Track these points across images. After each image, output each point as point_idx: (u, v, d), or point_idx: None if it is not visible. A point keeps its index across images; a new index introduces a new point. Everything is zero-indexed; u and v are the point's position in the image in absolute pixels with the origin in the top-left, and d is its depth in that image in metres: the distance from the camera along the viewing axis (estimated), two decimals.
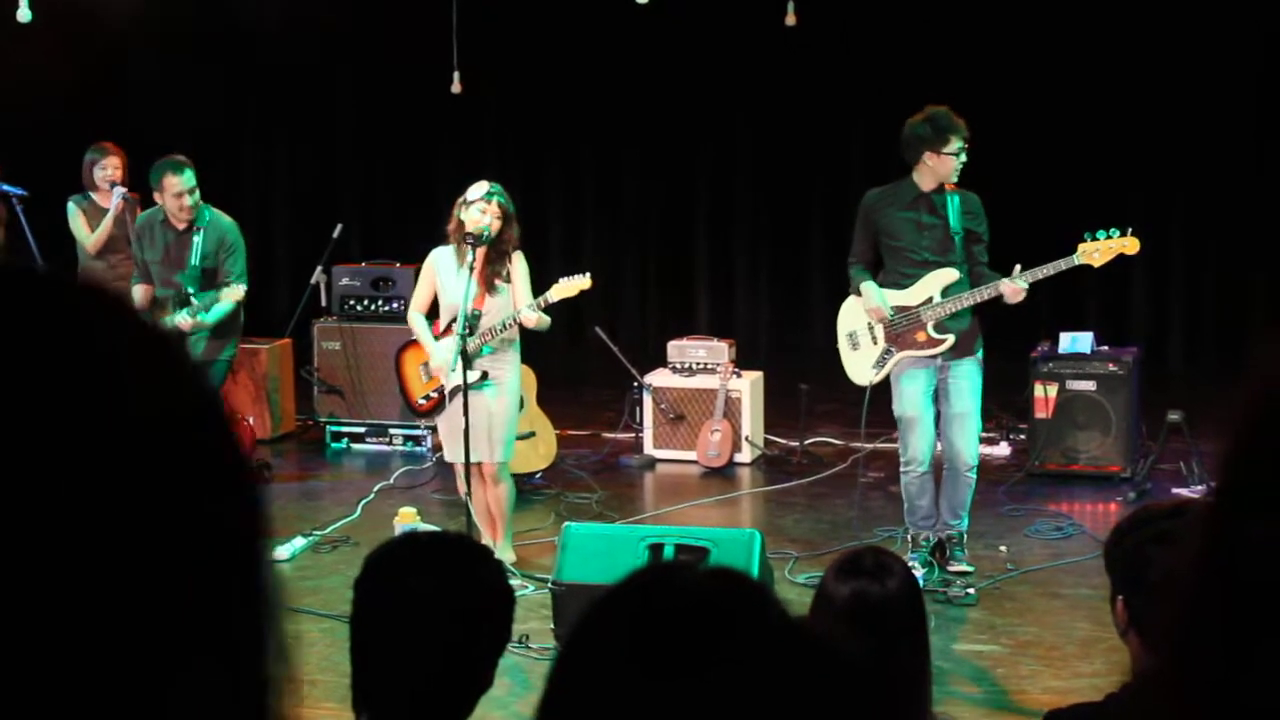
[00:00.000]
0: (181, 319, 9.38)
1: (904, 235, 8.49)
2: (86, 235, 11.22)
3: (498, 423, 8.56)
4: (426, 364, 8.86)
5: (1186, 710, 1.30)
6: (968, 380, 8.53)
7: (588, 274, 8.66)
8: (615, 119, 15.00)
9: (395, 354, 9.40)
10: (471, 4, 12.03)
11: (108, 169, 11.22)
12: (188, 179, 9.48)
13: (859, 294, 8.66)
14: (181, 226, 9.56)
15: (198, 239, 9.51)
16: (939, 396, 8.59)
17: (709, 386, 11.30)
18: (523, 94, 15.16)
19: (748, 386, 11.32)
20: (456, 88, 11.70)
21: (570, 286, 8.56)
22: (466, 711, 2.82)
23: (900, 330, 8.51)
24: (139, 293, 9.67)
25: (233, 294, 9.50)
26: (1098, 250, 8.25)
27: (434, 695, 2.79)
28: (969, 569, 8.66)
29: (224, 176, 9.93)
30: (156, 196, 9.58)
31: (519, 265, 8.59)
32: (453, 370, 8.50)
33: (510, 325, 8.49)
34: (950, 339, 8.42)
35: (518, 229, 8.59)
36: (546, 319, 8.52)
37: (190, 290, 9.43)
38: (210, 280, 9.56)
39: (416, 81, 14.38)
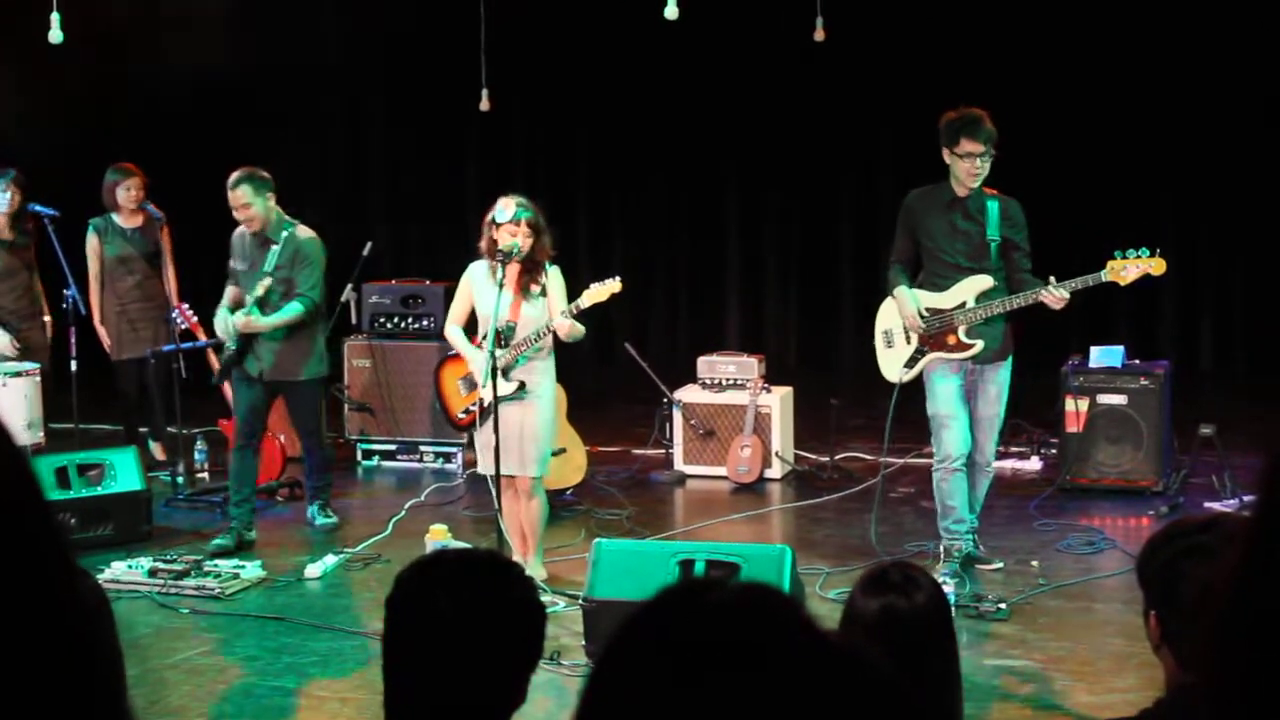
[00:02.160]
0: (237, 318, 9.61)
1: (938, 238, 8.61)
2: (95, 265, 11.34)
3: (529, 435, 8.55)
4: (466, 378, 8.87)
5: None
6: (996, 386, 8.70)
7: (617, 277, 8.66)
8: (643, 135, 15.03)
9: (435, 368, 9.40)
10: (500, 21, 12.06)
11: (130, 189, 11.30)
12: (239, 194, 9.61)
13: (895, 298, 8.74)
14: (259, 237, 9.72)
15: (275, 249, 9.67)
16: (967, 396, 8.69)
17: (739, 402, 11.29)
18: (551, 110, 15.19)
19: (777, 402, 11.31)
20: (485, 105, 11.73)
21: (601, 291, 8.55)
22: None
23: (933, 332, 8.64)
24: (228, 294, 9.89)
25: (291, 311, 9.66)
26: (1125, 268, 8.30)
27: (467, 712, 2.79)
28: (999, 564, 8.84)
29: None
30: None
31: (554, 277, 8.60)
32: (483, 385, 8.51)
33: (544, 334, 8.50)
34: (980, 345, 8.54)
35: (549, 239, 8.59)
36: (580, 328, 8.52)
37: (254, 294, 9.59)
38: (280, 290, 9.68)
39: (445, 99, 14.42)
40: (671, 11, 9.95)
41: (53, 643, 1.22)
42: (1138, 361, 10.81)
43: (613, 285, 8.58)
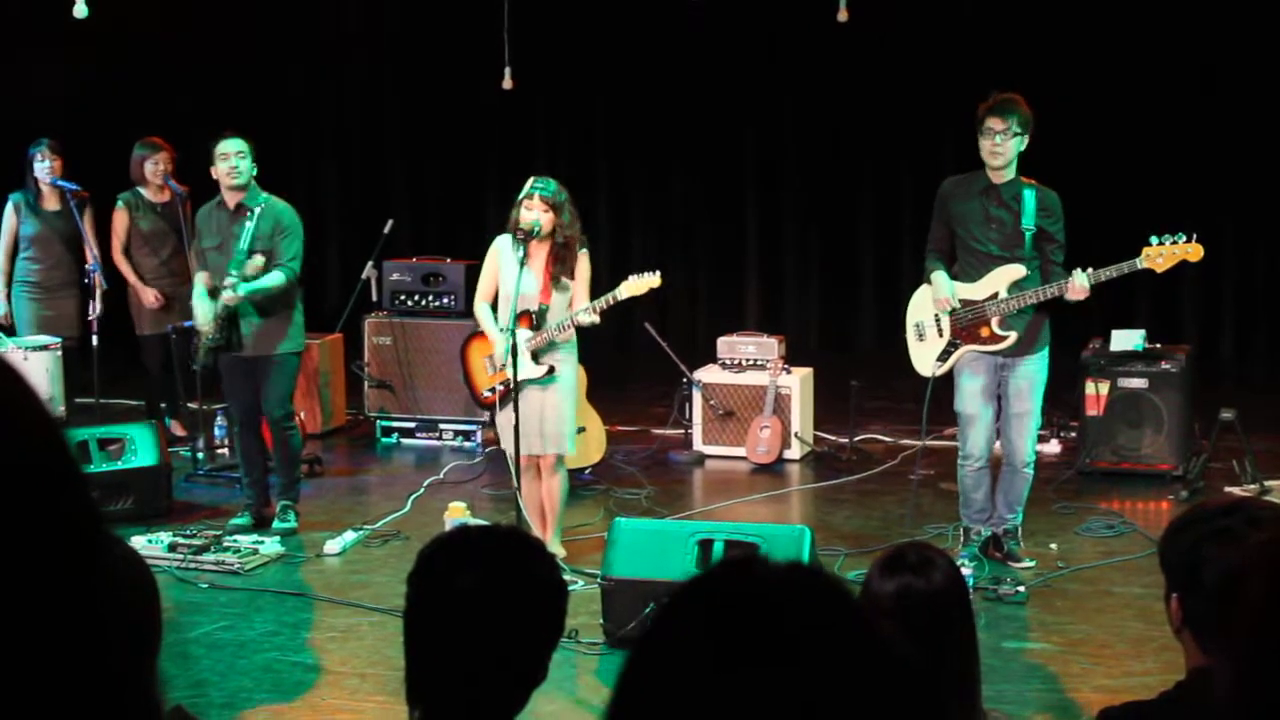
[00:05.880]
0: (226, 295, 9.18)
1: (971, 225, 8.43)
2: (121, 237, 11.37)
3: (550, 415, 8.55)
4: (493, 356, 8.82)
5: (1254, 703, 1.29)
6: (1028, 380, 8.51)
7: (658, 272, 8.61)
8: (666, 114, 15.01)
9: (461, 345, 9.34)
10: (523, 0, 12.05)
11: (159, 164, 11.32)
12: (236, 143, 9.23)
13: (930, 282, 8.62)
14: (231, 205, 9.29)
15: (250, 224, 9.23)
16: (1000, 393, 8.58)
17: (759, 383, 11.29)
18: (573, 90, 15.18)
19: (797, 383, 11.30)
20: (508, 84, 11.72)
21: (640, 284, 8.52)
22: (520, 705, 2.82)
23: (965, 324, 8.48)
24: (201, 279, 9.50)
25: (272, 276, 9.23)
26: (1161, 255, 8.18)
27: (488, 688, 2.79)
28: (1030, 564, 8.68)
29: (275, 172, 9.92)
30: (212, 172, 9.31)
31: (582, 265, 8.56)
32: (503, 363, 8.50)
33: (566, 327, 8.49)
34: (1013, 336, 8.40)
35: (570, 216, 8.52)
36: (597, 318, 8.50)
37: (234, 274, 9.19)
38: (264, 264, 9.27)
39: (467, 77, 14.42)
40: None
41: (77, 614, 1.23)
42: (1159, 345, 10.79)
43: (652, 280, 8.54)
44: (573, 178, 9.87)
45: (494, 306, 8.69)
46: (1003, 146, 8.28)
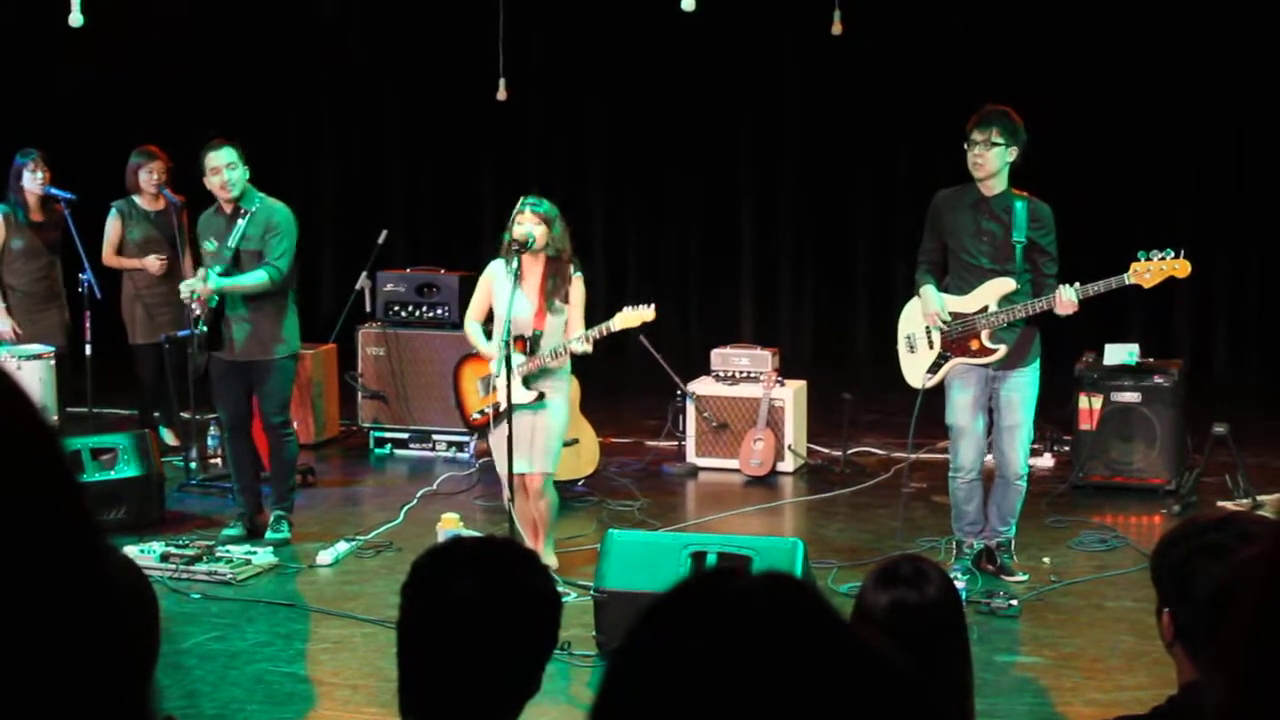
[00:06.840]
0: (197, 285, 9.20)
1: (962, 238, 8.44)
2: (114, 245, 11.37)
3: (541, 435, 8.55)
4: (485, 379, 8.82)
5: (1246, 718, 1.29)
6: (1019, 393, 8.51)
7: (653, 305, 8.63)
8: (660, 126, 15.02)
9: (454, 366, 9.34)
10: (518, 11, 12.06)
11: (154, 173, 11.32)
12: (225, 155, 9.23)
13: (920, 296, 8.63)
14: (228, 210, 9.33)
15: (242, 222, 9.25)
16: (991, 406, 8.58)
17: (752, 395, 11.29)
18: (567, 101, 15.19)
19: (791, 395, 11.31)
20: (502, 95, 11.73)
21: (634, 317, 8.55)
22: (513, 716, 2.82)
23: (955, 337, 8.49)
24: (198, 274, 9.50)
25: (255, 277, 9.22)
26: (1149, 271, 8.18)
27: (481, 699, 2.79)
28: (1023, 578, 8.67)
29: (269, 182, 9.92)
30: (205, 182, 9.34)
31: (576, 289, 8.57)
32: (495, 379, 8.50)
33: (560, 354, 8.49)
34: (1003, 349, 8.40)
35: (561, 230, 8.52)
36: (589, 347, 8.51)
37: (217, 269, 9.21)
38: (251, 263, 9.28)
39: (462, 88, 14.43)
40: (688, 3, 9.92)
41: (75, 622, 1.23)
42: (1151, 360, 10.80)
43: (646, 314, 8.57)
44: (567, 188, 9.90)
45: (486, 332, 8.70)
46: (983, 157, 8.28)
